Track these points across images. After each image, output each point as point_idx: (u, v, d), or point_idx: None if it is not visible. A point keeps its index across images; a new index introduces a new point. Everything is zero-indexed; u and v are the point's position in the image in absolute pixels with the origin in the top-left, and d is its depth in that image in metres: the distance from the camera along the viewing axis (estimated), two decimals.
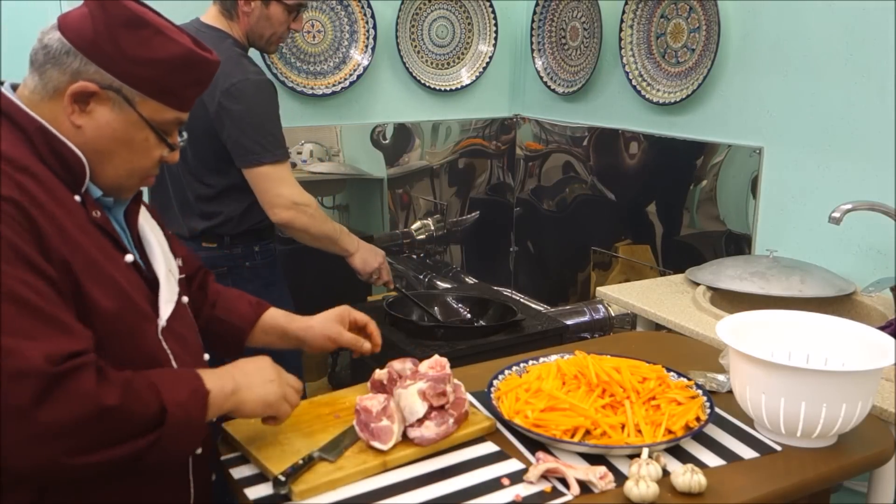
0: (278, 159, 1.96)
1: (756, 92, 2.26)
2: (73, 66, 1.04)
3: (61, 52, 1.04)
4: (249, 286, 2.08)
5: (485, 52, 3.10)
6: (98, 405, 0.93)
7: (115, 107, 1.06)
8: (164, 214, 2.13)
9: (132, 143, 1.09)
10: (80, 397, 0.92)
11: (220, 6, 2.00)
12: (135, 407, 0.97)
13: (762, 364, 1.21)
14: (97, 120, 1.06)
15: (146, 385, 1.00)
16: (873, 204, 1.84)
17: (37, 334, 0.93)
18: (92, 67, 1.04)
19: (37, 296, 0.94)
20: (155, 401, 0.99)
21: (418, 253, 3.13)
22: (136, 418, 0.97)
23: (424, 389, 1.24)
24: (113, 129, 1.07)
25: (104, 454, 0.95)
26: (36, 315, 0.94)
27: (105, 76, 1.05)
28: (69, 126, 1.06)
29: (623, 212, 2.78)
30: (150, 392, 1.00)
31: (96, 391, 0.94)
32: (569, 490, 1.11)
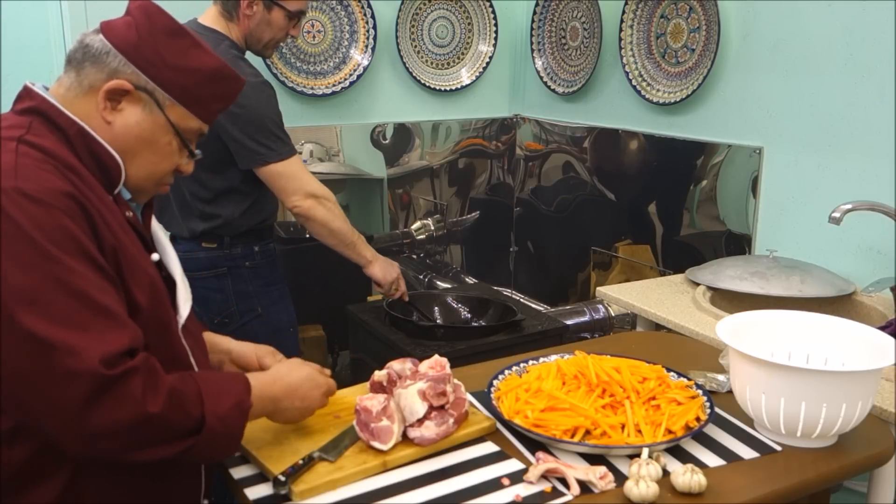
0: (284, 157, 1.96)
1: (756, 92, 2.26)
2: (112, 65, 1.10)
3: (102, 52, 1.10)
4: (249, 286, 2.09)
5: (485, 52, 3.10)
6: (142, 411, 0.97)
7: (145, 108, 1.12)
8: (164, 215, 2.14)
9: (156, 145, 1.15)
10: (127, 403, 0.96)
11: (221, 7, 2.00)
12: (175, 416, 1.01)
13: (762, 364, 1.21)
14: (127, 118, 1.11)
15: (192, 392, 1.04)
16: (873, 204, 1.84)
17: (94, 327, 0.96)
18: (130, 69, 1.10)
19: (95, 288, 0.98)
20: (197, 410, 1.03)
21: (418, 253, 3.13)
22: (175, 426, 1.02)
23: (424, 389, 1.24)
24: (141, 128, 1.12)
25: (145, 454, 1.00)
26: (94, 308, 0.97)
27: (141, 78, 1.11)
28: (100, 121, 1.10)
29: (623, 212, 2.78)
30: (194, 400, 1.04)
31: (143, 397, 0.97)
32: (569, 490, 1.11)
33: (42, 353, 0.93)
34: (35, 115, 1.09)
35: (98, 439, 0.96)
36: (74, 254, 0.98)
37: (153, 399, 0.98)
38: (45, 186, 0.99)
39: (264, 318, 2.11)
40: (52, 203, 0.98)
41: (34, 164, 1.01)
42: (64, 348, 0.93)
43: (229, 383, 1.11)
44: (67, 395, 0.93)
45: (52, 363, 0.93)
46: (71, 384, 0.93)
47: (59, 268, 0.96)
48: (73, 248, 0.98)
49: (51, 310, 0.94)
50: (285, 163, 1.97)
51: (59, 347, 0.93)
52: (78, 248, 0.98)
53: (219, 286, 2.07)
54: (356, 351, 2.50)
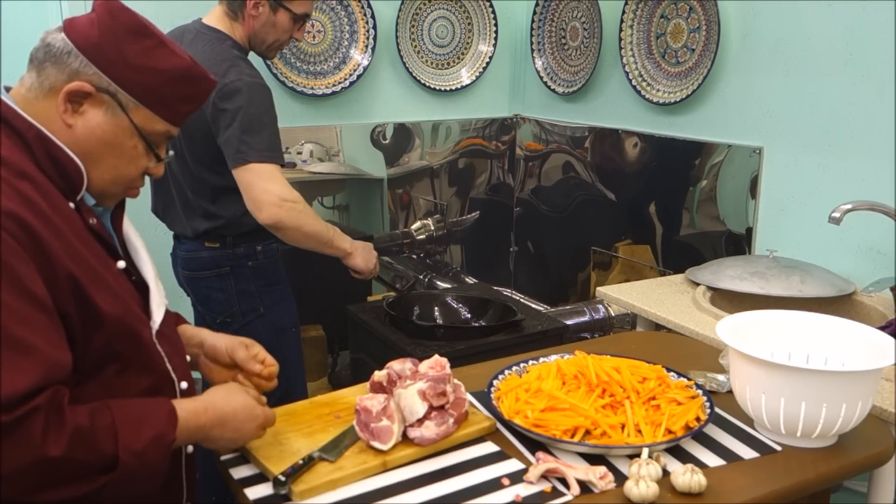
0: (264, 159, 1.88)
1: (756, 92, 2.26)
2: (73, 65, 1.05)
3: (63, 52, 1.05)
4: (252, 286, 2.09)
5: (485, 52, 3.10)
6: (40, 455, 0.92)
7: (108, 110, 1.08)
8: (168, 215, 2.14)
9: (121, 148, 1.10)
10: (23, 446, 0.91)
11: (227, 6, 2.00)
12: (81, 456, 0.95)
13: (762, 364, 1.21)
14: (89, 121, 1.07)
15: (104, 427, 0.98)
16: (873, 204, 1.84)
17: (1, 362, 0.91)
18: (91, 69, 1.06)
19: (14, 319, 0.93)
20: (108, 447, 0.98)
21: (418, 253, 3.13)
22: (82, 466, 0.96)
23: (424, 389, 1.24)
24: (103, 131, 1.08)
25: (51, 495, 0.95)
26: (7, 341, 0.92)
27: (103, 79, 1.06)
28: (60, 124, 1.06)
29: (623, 212, 2.78)
30: (105, 437, 0.98)
31: (42, 441, 0.92)
32: (569, 490, 1.11)
33: None
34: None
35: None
36: (2, 283, 0.92)
37: (55, 440, 0.93)
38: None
39: (266, 318, 2.11)
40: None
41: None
42: None
43: (151, 413, 1.04)
44: None
45: None
46: None
47: None
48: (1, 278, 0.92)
49: None
50: (262, 165, 1.88)
51: None
52: (6, 275, 0.93)
53: (221, 286, 2.07)
54: (356, 351, 2.50)
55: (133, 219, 1.23)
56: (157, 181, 2.14)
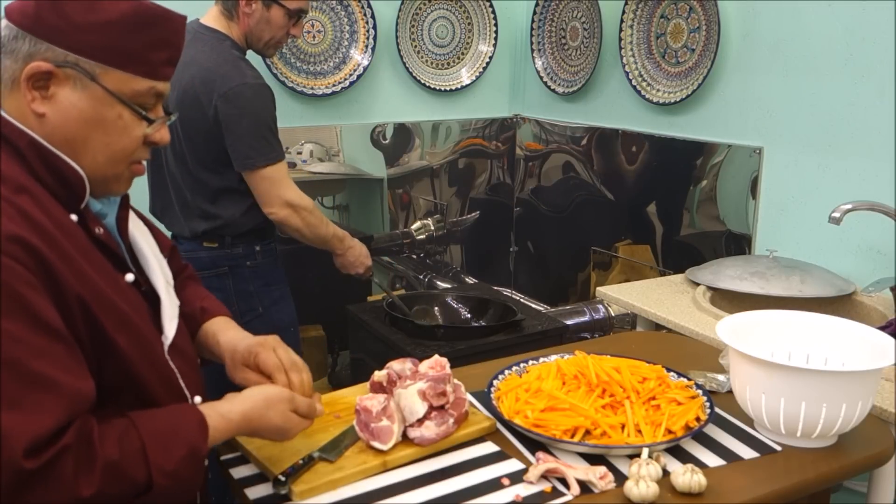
0: (272, 162, 1.97)
1: (756, 92, 2.26)
2: (24, 49, 0.95)
3: (10, 38, 0.95)
4: (251, 286, 2.09)
5: (485, 52, 3.10)
6: (73, 498, 0.87)
7: (76, 85, 0.96)
8: (166, 215, 2.15)
9: (104, 122, 0.99)
10: (56, 492, 0.86)
11: (222, 6, 2.01)
12: (114, 490, 0.90)
13: (762, 364, 1.21)
14: (60, 103, 0.96)
15: (133, 453, 0.92)
16: (873, 204, 1.84)
17: (25, 403, 0.85)
18: (43, 46, 0.95)
19: (32, 354, 0.87)
20: (141, 473, 0.92)
21: (418, 253, 3.13)
22: (115, 497, 0.91)
23: (424, 389, 1.24)
24: (80, 110, 0.97)
25: None
26: (28, 378, 0.86)
27: (58, 52, 0.95)
28: (33, 118, 0.96)
29: (623, 212, 2.78)
30: (137, 463, 0.92)
31: (74, 483, 0.87)
32: (569, 490, 1.11)
33: None
34: None
35: None
36: (12, 313, 0.86)
37: (86, 480, 0.88)
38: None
39: (265, 318, 2.11)
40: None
41: None
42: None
43: (182, 426, 0.98)
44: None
45: None
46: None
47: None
48: (11, 308, 0.86)
49: None
50: (273, 168, 1.98)
51: None
52: (17, 305, 0.86)
53: (220, 286, 2.08)
54: (356, 351, 2.50)
55: None
56: (155, 182, 2.15)
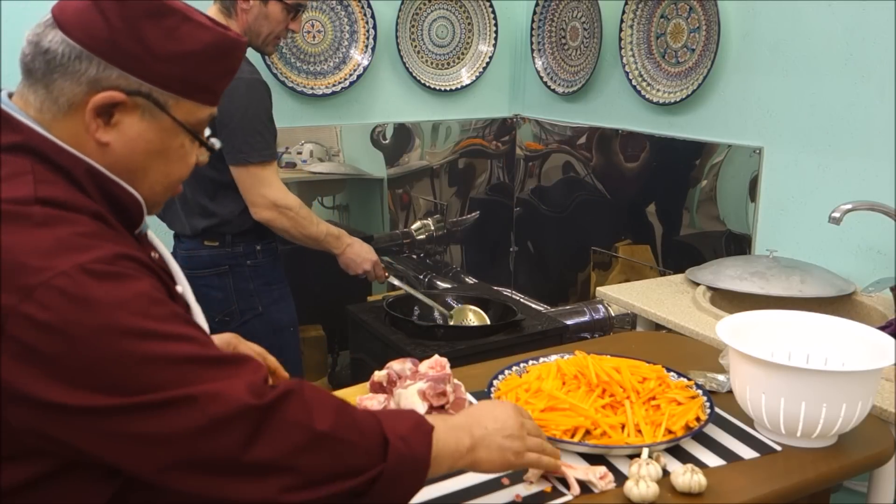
0: (265, 160, 1.97)
1: (756, 92, 2.26)
2: (90, 73, 0.87)
3: (70, 58, 0.87)
4: (251, 285, 2.09)
5: (485, 52, 3.10)
6: (313, 433, 0.84)
7: (144, 114, 0.90)
8: (167, 214, 2.15)
9: (168, 152, 0.94)
10: (293, 427, 0.83)
11: (220, 4, 2.01)
12: (351, 436, 0.86)
13: (762, 364, 1.21)
14: (126, 133, 0.90)
15: (362, 413, 0.91)
16: (873, 204, 1.84)
17: (224, 376, 0.82)
18: (114, 72, 0.87)
19: (200, 346, 0.84)
20: (375, 430, 0.89)
21: (418, 253, 3.13)
22: (353, 448, 0.86)
23: (424, 389, 1.24)
24: (146, 140, 0.91)
25: (323, 489, 0.84)
26: (212, 362, 0.83)
27: (131, 80, 0.88)
28: (93, 146, 0.89)
29: (623, 212, 2.78)
30: (369, 420, 0.90)
31: (309, 417, 0.84)
32: (569, 490, 1.11)
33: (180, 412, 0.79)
34: (29, 156, 0.86)
35: (266, 477, 0.82)
36: (166, 318, 0.83)
37: (321, 415, 0.85)
38: (103, 254, 0.81)
39: (265, 317, 2.11)
40: (120, 272, 0.81)
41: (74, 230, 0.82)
42: (204, 399, 0.80)
43: (397, 411, 0.98)
44: (224, 443, 0.80)
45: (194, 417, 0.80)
46: (226, 430, 0.80)
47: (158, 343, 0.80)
48: (162, 314, 0.83)
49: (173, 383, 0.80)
50: (262, 167, 1.97)
51: (200, 398, 0.80)
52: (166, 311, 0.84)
53: (220, 284, 2.08)
54: (356, 351, 2.50)
55: None
56: None
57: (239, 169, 1.97)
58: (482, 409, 1.06)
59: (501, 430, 1.02)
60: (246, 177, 1.97)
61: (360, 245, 2.21)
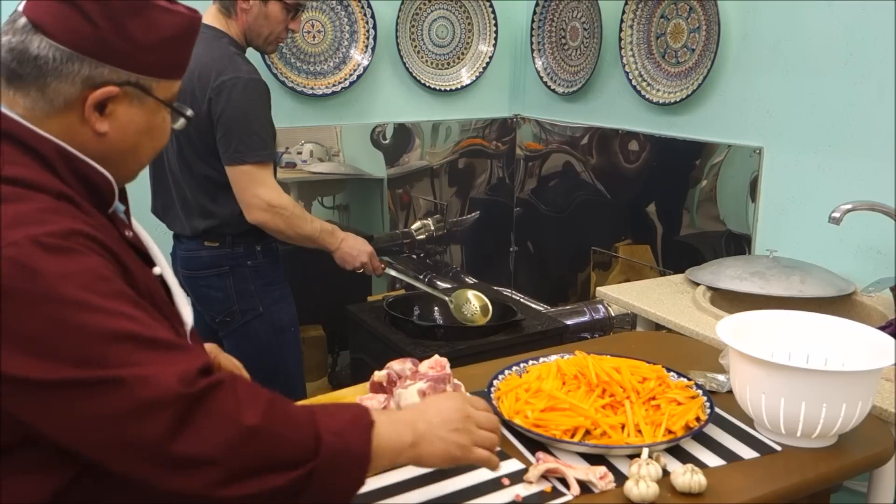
0: (261, 160, 1.95)
1: (756, 92, 2.26)
2: (83, 73, 0.93)
3: (62, 61, 0.92)
4: (251, 285, 2.09)
5: (485, 52, 3.10)
6: (240, 426, 0.84)
7: (133, 101, 0.98)
8: (167, 215, 2.14)
9: (154, 129, 1.03)
10: (220, 419, 0.84)
11: (220, 4, 2.01)
12: (281, 429, 0.87)
13: (762, 364, 1.21)
14: (119, 120, 0.98)
15: (297, 408, 0.91)
16: (873, 204, 1.84)
17: (159, 360, 0.84)
18: (105, 69, 0.94)
19: (143, 326, 0.85)
20: (307, 426, 0.89)
21: (418, 253, 3.13)
22: (284, 443, 0.87)
23: (424, 389, 1.24)
24: (137, 123, 0.99)
25: (252, 485, 0.85)
26: (150, 344, 0.85)
27: (121, 74, 0.95)
28: (90, 136, 0.96)
29: (623, 212, 2.78)
30: (302, 415, 0.90)
31: (237, 410, 0.85)
32: (569, 490, 1.11)
33: (108, 393, 0.81)
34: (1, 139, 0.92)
35: (195, 470, 0.82)
36: (109, 295, 0.85)
37: (249, 410, 0.85)
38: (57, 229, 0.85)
39: (265, 318, 2.11)
40: (71, 247, 0.84)
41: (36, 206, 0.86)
42: (132, 382, 0.81)
43: (339, 405, 0.97)
44: (149, 428, 0.81)
45: (122, 399, 0.81)
46: (152, 416, 0.81)
47: (98, 316, 0.82)
48: (106, 290, 0.85)
49: (107, 360, 0.82)
50: (257, 167, 1.94)
51: (128, 381, 0.81)
52: (111, 288, 0.86)
53: (220, 285, 2.08)
54: (356, 351, 2.50)
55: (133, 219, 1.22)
56: (156, 181, 2.15)
57: (234, 168, 1.94)
58: (430, 402, 1.06)
59: (445, 423, 1.02)
60: (240, 176, 1.94)
61: (354, 239, 2.19)
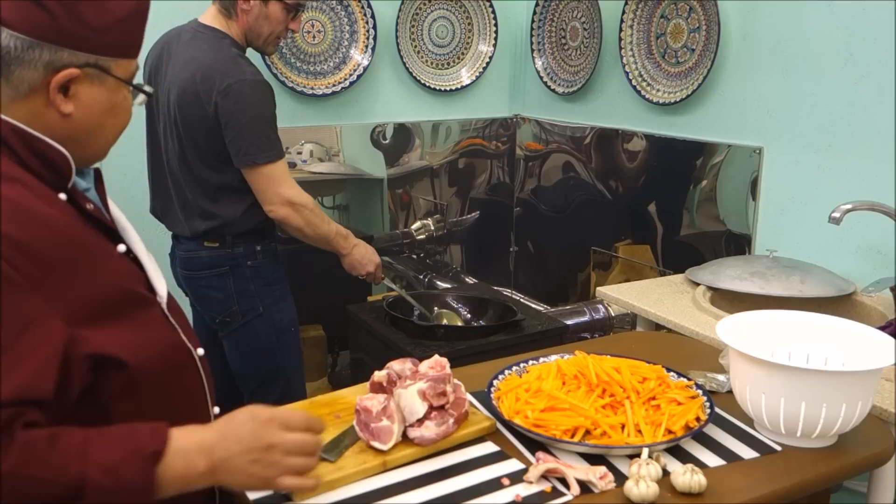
0: (272, 159, 1.97)
1: (756, 92, 2.26)
2: (44, 58, 0.98)
3: (24, 49, 0.97)
4: (251, 285, 2.09)
5: (485, 52, 3.10)
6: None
7: (94, 81, 1.03)
8: (166, 215, 2.14)
9: (116, 108, 1.08)
10: None
11: (220, 5, 2.01)
12: (39, 472, 0.86)
13: (762, 364, 1.21)
14: (82, 99, 1.03)
15: (70, 445, 0.89)
16: (873, 204, 1.84)
17: None
18: (65, 53, 0.99)
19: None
20: (75, 463, 0.87)
21: (418, 253, 3.13)
22: (41, 486, 0.86)
23: (424, 389, 1.24)
24: (99, 102, 1.05)
25: None
26: None
27: (80, 56, 1.01)
28: (56, 117, 1.02)
29: (623, 212, 2.78)
30: (72, 453, 0.88)
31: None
32: (569, 490, 1.11)
33: None
34: None
35: None
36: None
37: (6, 455, 0.84)
38: None
39: (266, 318, 2.11)
40: None
41: None
42: None
43: (134, 430, 0.94)
44: None
45: None
46: None
47: None
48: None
49: None
50: (272, 165, 1.98)
51: None
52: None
53: (220, 285, 2.08)
54: (356, 351, 2.50)
55: (132, 219, 1.21)
56: (155, 182, 2.16)
57: (249, 171, 1.98)
58: (231, 426, 1.00)
59: (245, 453, 0.97)
60: (258, 178, 1.98)
61: (365, 247, 2.24)
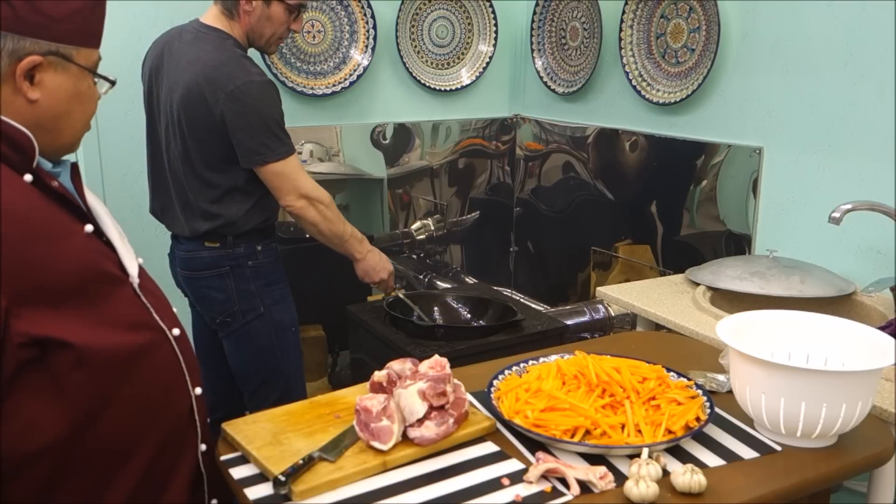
0: (282, 156, 1.98)
1: (756, 92, 2.26)
2: (8, 47, 1.05)
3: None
4: (251, 285, 2.09)
5: (485, 52, 3.10)
6: None
7: (58, 69, 1.09)
8: (166, 215, 2.14)
9: (81, 95, 1.13)
10: None
11: (222, 6, 2.01)
12: None
13: (762, 364, 1.21)
14: (48, 87, 1.09)
15: None
16: (873, 204, 1.84)
17: None
18: (27, 41, 1.05)
19: None
20: None
21: (418, 253, 3.13)
22: None
23: (424, 389, 1.24)
24: (65, 89, 1.10)
25: None
26: None
27: (41, 44, 1.07)
28: (23, 104, 1.07)
29: (623, 212, 2.78)
30: None
31: None
32: (569, 490, 1.11)
33: None
34: None
35: None
36: None
37: None
38: None
39: (266, 318, 2.11)
40: None
41: None
42: None
43: None
44: None
45: None
46: None
47: None
48: None
49: None
50: (283, 162, 1.98)
51: None
52: None
53: (221, 285, 2.08)
54: (356, 351, 2.50)
55: (132, 219, 1.23)
56: (155, 182, 2.15)
57: (262, 170, 1.99)
58: None
59: None
60: (272, 176, 1.99)
61: (379, 254, 2.26)
